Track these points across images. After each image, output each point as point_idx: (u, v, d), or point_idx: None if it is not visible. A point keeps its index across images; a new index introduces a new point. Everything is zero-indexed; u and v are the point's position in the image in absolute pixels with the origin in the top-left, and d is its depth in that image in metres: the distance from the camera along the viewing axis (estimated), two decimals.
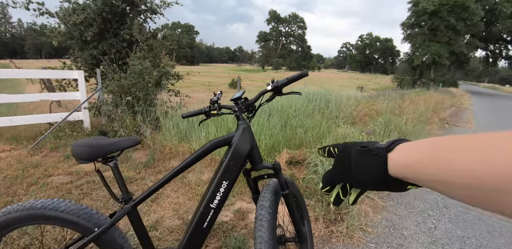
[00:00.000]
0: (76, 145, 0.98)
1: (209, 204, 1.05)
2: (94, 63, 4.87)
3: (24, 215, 0.95)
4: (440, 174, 0.26)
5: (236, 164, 1.06)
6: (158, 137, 3.60)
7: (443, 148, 0.27)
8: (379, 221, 2.04)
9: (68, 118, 4.21)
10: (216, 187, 1.05)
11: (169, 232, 1.77)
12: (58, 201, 0.99)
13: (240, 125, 1.09)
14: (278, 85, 1.06)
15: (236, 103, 1.14)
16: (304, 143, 3.01)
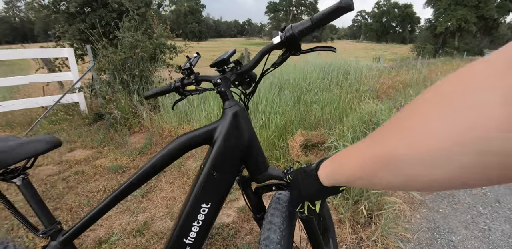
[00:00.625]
0: None
1: (182, 238, 0.66)
2: (83, 39, 4.40)
3: None
4: (343, 176, 0.36)
5: (223, 176, 0.66)
6: (156, 119, 3.23)
7: (342, 157, 0.37)
8: (419, 222, 1.62)
9: (62, 101, 3.88)
10: (191, 213, 0.66)
11: (157, 238, 1.45)
12: None
13: (227, 109, 0.65)
14: (293, 33, 0.57)
15: (220, 70, 0.69)
16: (321, 122, 2.54)
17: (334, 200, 1.51)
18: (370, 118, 2.10)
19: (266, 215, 0.73)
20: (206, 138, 0.65)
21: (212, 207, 0.66)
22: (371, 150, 0.28)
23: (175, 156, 0.66)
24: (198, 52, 0.78)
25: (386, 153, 0.25)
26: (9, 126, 3.76)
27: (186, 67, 0.71)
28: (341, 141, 1.85)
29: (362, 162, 0.29)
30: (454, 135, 0.18)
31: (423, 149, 0.21)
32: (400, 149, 0.23)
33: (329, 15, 0.51)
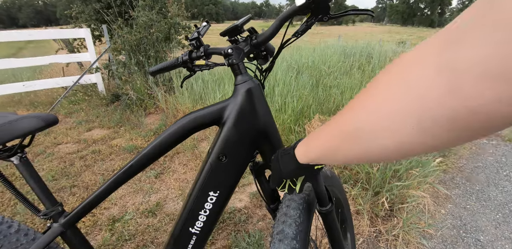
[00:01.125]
0: None
1: (188, 227, 0.61)
2: (100, 19, 4.36)
3: None
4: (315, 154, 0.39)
5: (233, 161, 0.58)
6: (171, 100, 3.21)
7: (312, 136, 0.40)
8: (444, 218, 1.50)
9: (81, 81, 3.93)
10: (198, 201, 0.60)
11: (169, 220, 1.44)
12: None
13: (239, 85, 0.56)
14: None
15: (233, 40, 0.59)
16: (341, 108, 2.40)
17: (352, 190, 1.42)
18: None
19: (281, 206, 0.66)
20: (215, 118, 0.57)
21: (221, 195, 0.60)
22: (338, 126, 0.30)
23: (179, 139, 0.60)
24: (208, 21, 0.69)
25: (349, 127, 0.28)
26: (32, 105, 3.89)
27: (193, 36, 0.61)
28: None
29: (330, 137, 0.32)
30: (404, 106, 0.21)
31: (379, 120, 0.24)
32: (361, 121, 0.26)
33: None
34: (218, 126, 0.59)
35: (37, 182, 0.64)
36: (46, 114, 0.60)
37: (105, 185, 0.64)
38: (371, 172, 1.43)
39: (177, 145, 0.61)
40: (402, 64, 0.23)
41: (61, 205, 0.67)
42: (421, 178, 1.45)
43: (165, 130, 0.60)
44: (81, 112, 3.49)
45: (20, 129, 0.57)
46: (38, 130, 0.58)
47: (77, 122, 3.18)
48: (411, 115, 0.21)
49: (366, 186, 1.42)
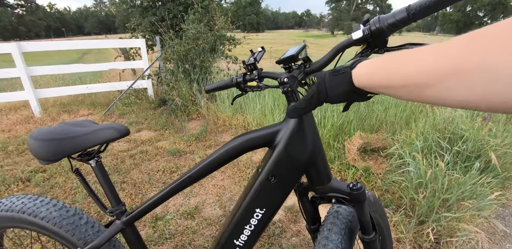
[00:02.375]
0: (34, 137, 0.66)
1: (233, 239, 0.66)
2: (154, 31, 4.79)
3: (3, 216, 0.74)
4: (385, 80, 0.34)
5: (281, 183, 0.62)
6: (212, 107, 3.38)
7: (388, 60, 0.34)
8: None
9: (134, 86, 4.34)
10: (244, 217, 0.64)
11: (206, 224, 1.52)
12: (41, 203, 0.74)
13: None
14: (381, 27, 0.45)
15: (287, 68, 0.62)
16: (384, 125, 2.31)
17: (394, 216, 1.36)
18: (446, 126, 1.81)
19: (322, 229, 0.67)
20: (267, 140, 0.61)
21: (266, 213, 0.64)
22: (446, 58, 0.26)
23: (233, 157, 0.65)
24: (263, 47, 0.74)
25: (477, 64, 0.23)
26: (92, 105, 4.37)
27: (250, 62, 0.67)
28: (407, 148, 1.64)
29: (429, 67, 0.27)
30: None
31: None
32: (497, 60, 0.21)
33: (435, 3, 0.38)
34: (269, 147, 0.63)
35: (107, 183, 0.74)
36: (120, 125, 0.71)
37: (164, 191, 0.71)
38: (416, 198, 1.36)
39: (230, 162, 0.67)
40: None
41: (124, 205, 0.77)
42: (474, 211, 1.33)
43: (221, 147, 0.66)
44: (132, 114, 3.84)
45: (101, 138, 0.68)
46: (114, 139, 0.69)
47: (128, 123, 3.50)
48: None
49: (410, 213, 1.35)
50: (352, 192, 0.61)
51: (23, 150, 2.73)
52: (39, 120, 3.69)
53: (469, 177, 1.40)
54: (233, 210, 0.69)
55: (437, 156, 1.54)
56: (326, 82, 0.44)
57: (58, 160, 0.66)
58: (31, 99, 3.86)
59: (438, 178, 1.36)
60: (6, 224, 0.75)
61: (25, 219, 0.71)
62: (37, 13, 67.59)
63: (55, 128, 0.67)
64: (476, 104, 0.25)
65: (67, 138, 0.65)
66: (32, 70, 3.82)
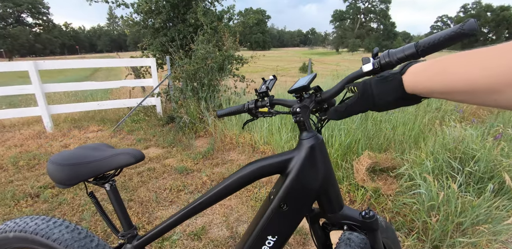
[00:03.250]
0: (53, 161, 0.69)
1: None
2: (164, 50, 4.99)
3: (16, 237, 0.75)
4: (444, 86, 0.31)
5: (293, 210, 0.62)
6: (220, 125, 3.42)
7: (446, 63, 0.32)
8: None
9: (143, 103, 4.44)
10: (256, 243, 0.65)
11: (213, 246, 1.49)
12: (54, 225, 0.75)
13: (304, 140, 0.61)
14: (390, 61, 0.47)
15: (298, 96, 0.65)
16: (392, 144, 2.30)
17: (406, 240, 1.32)
18: (456, 145, 1.79)
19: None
20: (280, 168, 0.63)
21: (278, 240, 0.64)
22: None
23: (245, 183, 0.66)
24: (275, 75, 0.78)
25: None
26: (102, 122, 4.46)
27: (262, 90, 0.70)
28: (417, 169, 1.62)
29: (497, 71, 0.24)
30: None
31: None
32: None
33: (443, 42, 0.39)
34: (281, 174, 0.64)
35: (120, 206, 0.76)
36: (136, 150, 0.74)
37: (176, 216, 0.72)
38: (428, 222, 1.32)
39: (242, 189, 0.68)
40: None
41: (136, 229, 0.77)
42: (490, 236, 1.28)
43: (234, 173, 0.67)
44: (140, 131, 3.90)
45: (117, 163, 0.70)
46: (129, 164, 0.71)
47: (137, 140, 3.55)
48: None
49: (423, 238, 1.31)
50: (365, 221, 0.61)
51: (33, 165, 2.77)
52: (50, 135, 3.77)
53: (483, 200, 1.37)
54: (244, 236, 0.69)
55: (448, 177, 1.51)
56: (373, 90, 0.41)
57: (75, 184, 0.68)
58: (44, 115, 3.97)
59: (451, 200, 1.34)
60: (18, 245, 0.77)
61: (37, 240, 0.73)
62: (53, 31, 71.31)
63: (73, 153, 0.70)
64: None
65: (84, 162, 0.68)
66: (46, 87, 3.97)
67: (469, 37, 0.38)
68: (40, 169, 2.63)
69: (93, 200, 0.76)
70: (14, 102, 6.15)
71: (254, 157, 2.78)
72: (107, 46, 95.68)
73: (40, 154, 3.00)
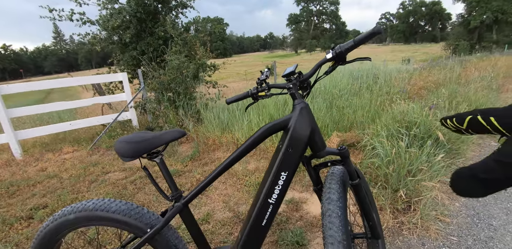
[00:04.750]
0: (119, 142, 0.91)
1: (267, 199, 0.92)
2: (135, 64, 5.07)
3: (77, 217, 0.92)
4: None
5: (296, 151, 0.91)
6: (201, 130, 3.62)
7: None
8: (458, 209, 1.72)
9: (118, 118, 4.46)
10: (274, 180, 0.92)
11: (221, 225, 1.72)
12: (109, 201, 0.95)
13: (296, 105, 0.92)
14: (341, 51, 0.85)
15: (288, 79, 0.97)
16: (355, 125, 2.71)
17: (373, 189, 1.68)
18: (402, 117, 2.24)
19: (325, 186, 0.96)
20: (284, 125, 0.92)
21: (288, 174, 0.92)
22: None
23: (265, 137, 0.93)
24: (269, 67, 1.08)
25: None
26: (76, 142, 4.39)
27: (263, 78, 0.99)
28: (376, 139, 2.02)
29: None
30: None
31: None
32: None
33: (366, 38, 0.81)
34: (284, 131, 0.93)
35: (168, 174, 0.98)
36: (178, 129, 0.97)
37: (213, 174, 0.96)
38: (388, 172, 1.71)
39: (259, 144, 0.95)
40: None
41: (182, 191, 1.00)
42: (431, 172, 1.70)
43: (253, 134, 0.94)
44: None
45: (167, 138, 0.93)
46: (177, 138, 0.94)
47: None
48: None
49: (385, 185, 1.68)
50: (341, 151, 0.94)
51: (13, 191, 2.71)
52: (21, 162, 3.63)
53: (423, 152, 1.80)
54: (263, 179, 0.96)
55: (398, 140, 1.93)
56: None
57: (137, 157, 0.89)
58: (12, 141, 3.78)
59: (401, 154, 1.74)
60: (80, 225, 0.93)
61: (99, 215, 0.90)
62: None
63: (134, 135, 0.92)
64: None
65: (143, 140, 0.90)
66: (12, 112, 3.82)
67: (378, 34, 0.78)
68: (22, 194, 2.60)
69: (147, 173, 0.96)
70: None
71: None
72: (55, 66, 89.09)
73: (16, 181, 2.91)
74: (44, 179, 2.90)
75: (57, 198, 2.40)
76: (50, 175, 2.97)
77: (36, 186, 2.76)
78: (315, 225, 1.62)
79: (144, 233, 0.92)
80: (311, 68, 0.95)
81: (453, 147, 2.18)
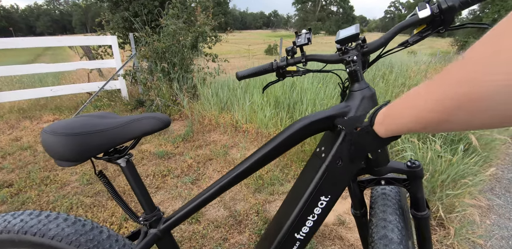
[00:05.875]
0: (50, 131, 0.52)
1: (294, 233, 0.60)
2: (126, 27, 4.51)
3: (2, 238, 0.58)
4: (405, 127, 0.35)
5: (349, 166, 0.57)
6: (196, 107, 3.24)
7: (397, 108, 0.36)
8: (490, 229, 1.46)
9: (106, 87, 4.02)
10: (308, 207, 0.59)
11: (214, 227, 1.43)
12: (48, 220, 0.60)
13: (356, 92, 0.55)
14: (453, 5, 0.47)
15: (342, 49, 0.58)
16: None
17: None
18: None
19: (375, 212, 0.66)
20: (329, 124, 0.57)
21: (331, 200, 0.59)
22: (445, 89, 0.25)
23: (294, 143, 0.59)
24: (310, 28, 0.69)
25: (468, 90, 0.22)
26: (57, 110, 3.97)
27: (302, 43, 0.61)
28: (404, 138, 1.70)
29: (434, 104, 0.27)
30: None
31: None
32: (487, 84, 0.20)
33: None
34: (331, 131, 0.59)
35: (140, 186, 0.63)
36: (161, 114, 0.59)
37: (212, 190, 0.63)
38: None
39: (289, 150, 0.61)
40: None
41: (159, 210, 0.66)
42: (468, 187, 1.42)
43: (280, 133, 0.59)
44: None
45: (138, 130, 0.56)
46: (155, 131, 0.57)
47: None
48: None
49: None
50: (411, 170, 0.60)
51: None
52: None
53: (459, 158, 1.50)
54: (291, 202, 0.63)
55: (430, 141, 1.62)
56: (360, 142, 0.47)
57: (84, 160, 0.54)
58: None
59: (435, 160, 1.43)
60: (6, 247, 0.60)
61: (28, 240, 0.57)
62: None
63: (77, 121, 0.55)
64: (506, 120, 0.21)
65: (94, 131, 0.53)
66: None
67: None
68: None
69: (104, 181, 0.62)
70: None
71: (237, 136, 2.70)
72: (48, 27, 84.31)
73: None
74: (16, 151, 2.54)
75: (26, 175, 2.07)
76: (24, 147, 2.61)
77: (5, 158, 2.41)
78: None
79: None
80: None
81: (487, 154, 1.87)
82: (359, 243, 1.31)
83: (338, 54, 0.60)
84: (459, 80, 0.23)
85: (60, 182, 1.97)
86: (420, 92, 0.30)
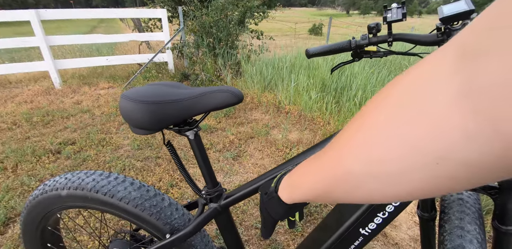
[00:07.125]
0: (130, 97, 0.51)
1: (359, 228, 0.57)
2: (176, 1, 4.51)
3: (71, 195, 0.63)
4: (303, 196, 0.33)
5: None
6: (239, 84, 3.23)
7: (296, 177, 0.35)
8: None
9: (154, 59, 4.17)
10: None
11: (254, 204, 1.45)
12: (116, 182, 0.62)
13: None
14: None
15: (440, 29, 0.50)
16: None
17: None
18: None
19: (449, 218, 0.58)
20: None
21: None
22: (326, 167, 0.25)
23: None
24: (404, 1, 0.59)
25: (341, 171, 0.23)
26: (111, 78, 4.26)
27: (393, 19, 0.53)
28: None
29: (319, 180, 0.27)
30: (410, 148, 0.16)
31: (377, 166, 0.19)
32: (354, 166, 0.21)
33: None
34: None
35: (205, 159, 0.62)
36: (235, 88, 0.55)
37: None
38: None
39: None
40: (408, 86, 0.17)
41: (221, 186, 0.66)
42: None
43: None
44: None
45: (213, 103, 0.53)
46: (229, 105, 0.54)
47: None
48: (425, 159, 0.15)
49: None
50: (508, 180, 0.50)
51: (48, 121, 2.67)
52: (59, 92, 3.61)
53: None
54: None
55: None
56: (268, 209, 0.44)
57: (158, 130, 0.53)
58: (51, 70, 3.75)
59: None
60: (75, 204, 0.65)
61: (99, 199, 0.61)
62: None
63: (153, 89, 0.54)
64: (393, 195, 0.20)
65: (171, 101, 0.51)
66: (51, 39, 3.67)
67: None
68: (56, 126, 2.53)
69: (171, 152, 0.62)
70: (16, 59, 5.84)
71: (279, 117, 2.66)
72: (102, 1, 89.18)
73: (53, 110, 2.87)
74: (78, 113, 2.82)
75: (86, 135, 2.29)
76: (84, 110, 2.88)
77: (69, 118, 2.69)
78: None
79: (161, 234, 0.62)
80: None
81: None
82: (405, 243, 1.24)
83: (437, 34, 0.50)
84: (329, 158, 0.24)
85: (115, 144, 2.15)
86: (311, 162, 0.30)
